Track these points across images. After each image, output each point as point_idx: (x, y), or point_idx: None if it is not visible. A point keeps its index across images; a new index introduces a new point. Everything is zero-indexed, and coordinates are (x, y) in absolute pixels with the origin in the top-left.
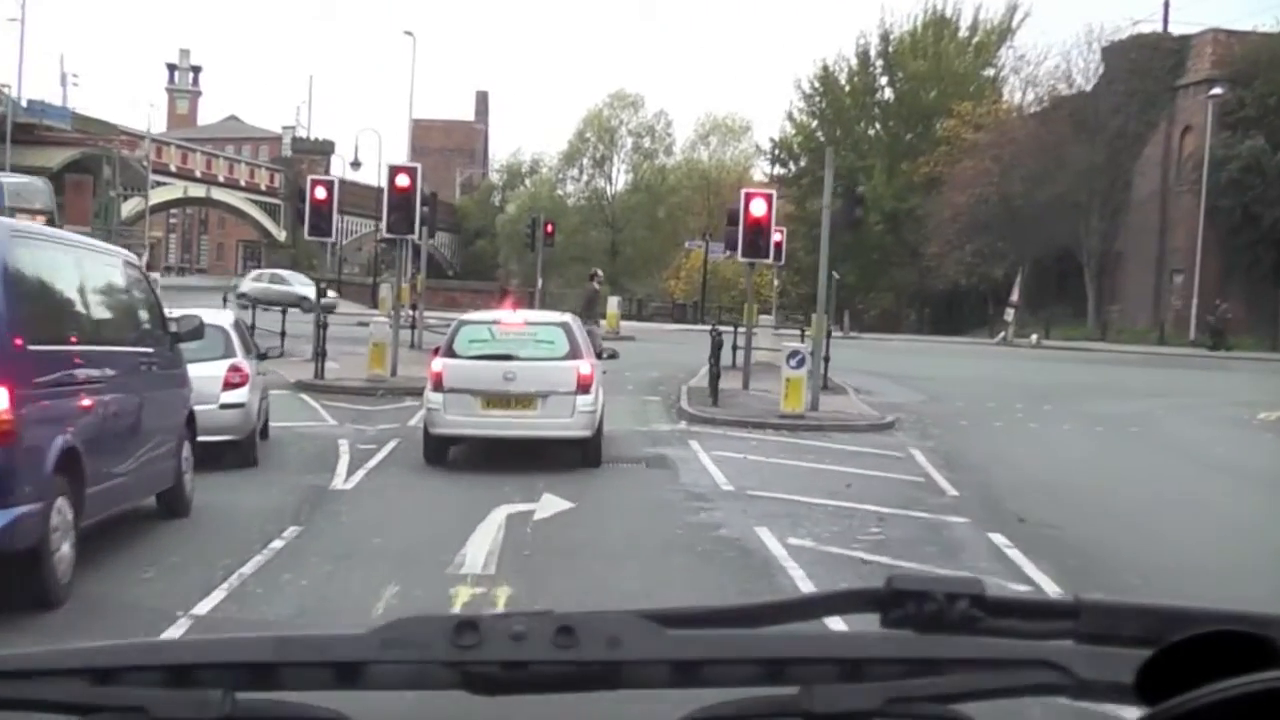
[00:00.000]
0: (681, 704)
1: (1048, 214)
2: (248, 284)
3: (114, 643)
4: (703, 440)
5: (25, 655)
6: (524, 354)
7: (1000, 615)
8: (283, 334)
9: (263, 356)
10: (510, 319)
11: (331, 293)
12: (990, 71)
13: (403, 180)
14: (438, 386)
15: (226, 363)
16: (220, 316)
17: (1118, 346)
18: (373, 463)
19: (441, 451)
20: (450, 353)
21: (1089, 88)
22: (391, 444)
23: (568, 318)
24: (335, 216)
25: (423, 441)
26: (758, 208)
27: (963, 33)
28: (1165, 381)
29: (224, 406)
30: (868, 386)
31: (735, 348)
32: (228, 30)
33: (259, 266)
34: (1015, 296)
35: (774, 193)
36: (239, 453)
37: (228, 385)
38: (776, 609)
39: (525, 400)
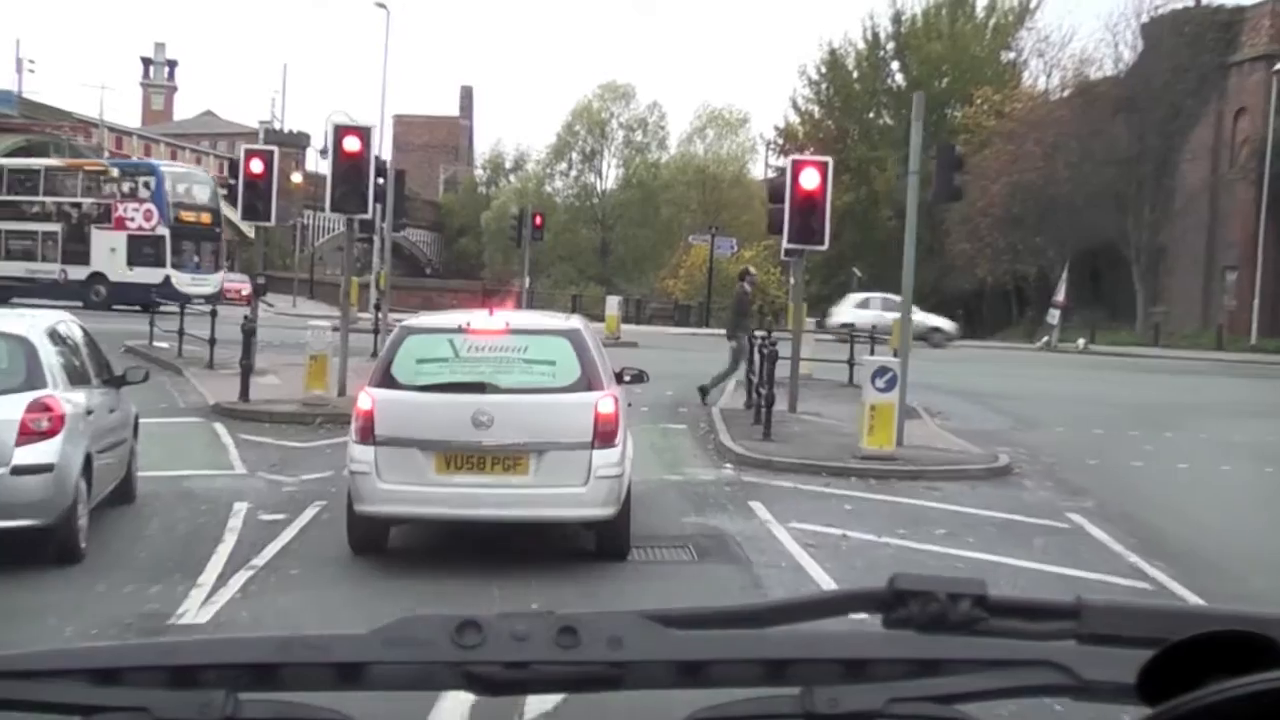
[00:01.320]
0: (684, 704)
1: (1093, 205)
2: (849, 311)
3: (116, 643)
4: (768, 499)
5: (27, 655)
6: (507, 381)
7: (1002, 616)
8: (211, 341)
9: (120, 381)
10: (484, 324)
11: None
12: (1008, 55)
13: (351, 144)
14: (366, 435)
15: (24, 398)
16: (23, 323)
17: (1173, 352)
18: (268, 553)
19: (374, 537)
20: (387, 379)
21: (1127, 67)
22: (310, 511)
23: (576, 323)
24: (275, 194)
25: (346, 520)
26: (809, 179)
27: (979, 13)
28: (1270, 396)
29: (18, 471)
30: (934, 404)
31: (762, 356)
32: (206, 25)
33: (232, 266)
34: (1061, 297)
35: (829, 161)
36: (52, 542)
37: (26, 435)
38: (779, 610)
39: (509, 459)
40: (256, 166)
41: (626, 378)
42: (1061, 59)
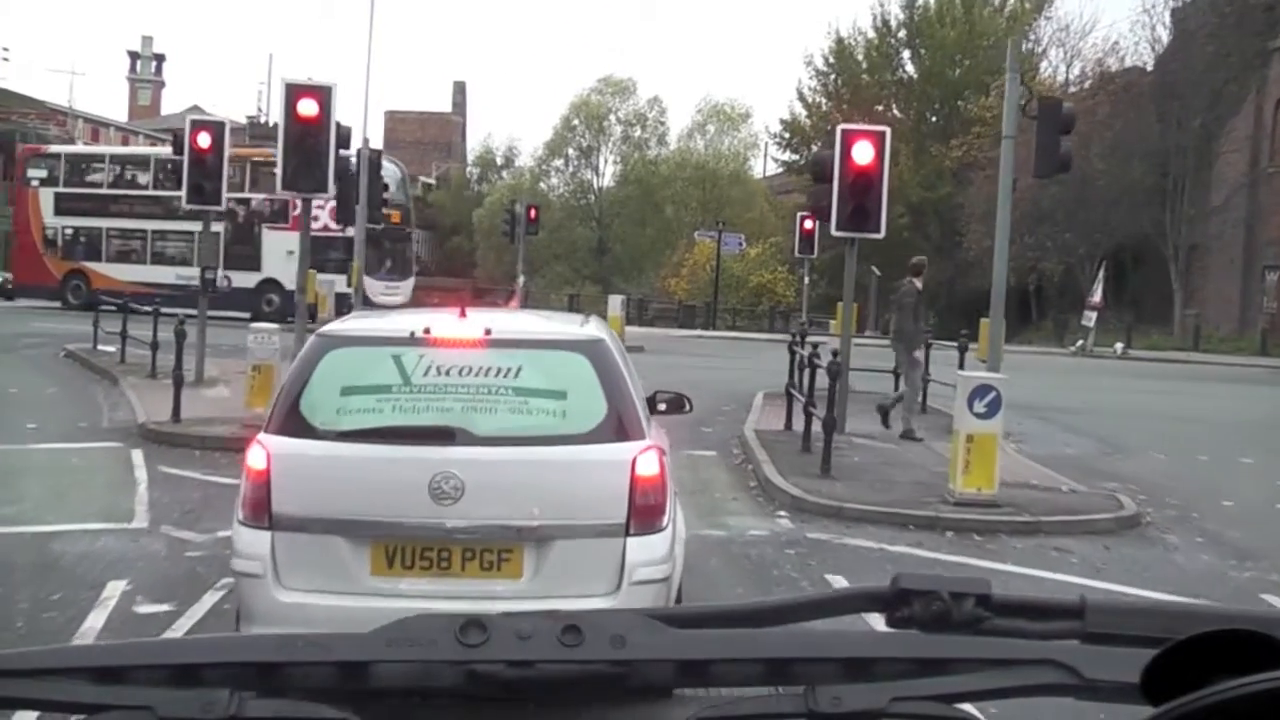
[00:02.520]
0: (687, 703)
1: (1128, 199)
2: None
3: (120, 642)
4: (851, 569)
5: (32, 654)
6: (487, 425)
7: (1006, 615)
8: (154, 346)
9: None
10: (452, 330)
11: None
12: (1025, 45)
13: (307, 107)
14: (258, 512)
15: None
16: None
17: (1216, 358)
18: None
19: None
20: (293, 420)
21: (1162, 51)
22: (209, 598)
23: (596, 329)
24: (226, 175)
25: None
26: (862, 153)
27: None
28: None
29: None
30: None
31: (811, 366)
32: (195, 21)
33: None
34: (1097, 298)
35: (887, 131)
36: None
37: None
38: (782, 609)
39: (491, 552)
40: (204, 140)
41: (661, 405)
42: (1083, 49)
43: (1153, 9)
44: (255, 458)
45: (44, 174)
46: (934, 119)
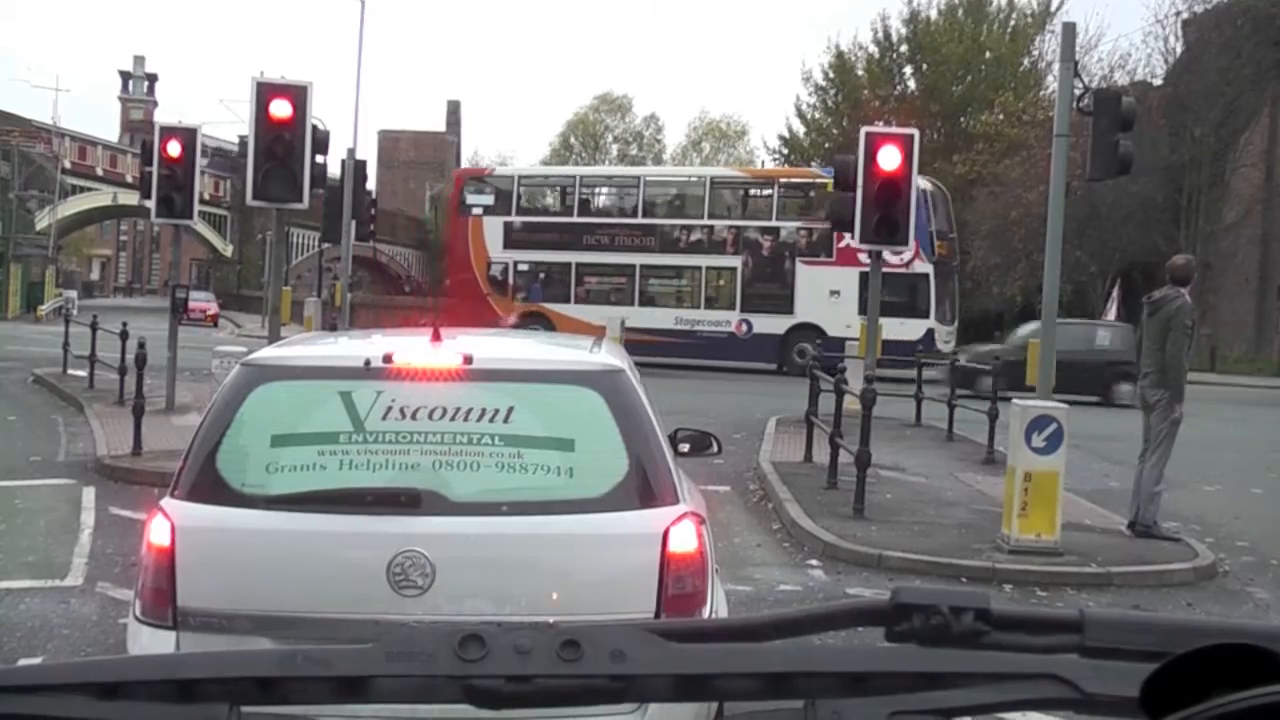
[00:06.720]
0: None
1: (1139, 216)
2: None
3: (119, 657)
4: None
5: (31, 670)
6: (466, 487)
7: (1005, 629)
8: (121, 371)
9: None
10: (420, 358)
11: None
12: (1028, 60)
13: (280, 109)
14: (159, 605)
15: None
16: None
17: (1232, 379)
18: None
19: None
20: (208, 479)
21: (1174, 63)
22: None
23: (611, 356)
24: (197, 184)
25: None
26: (889, 159)
27: (999, 14)
28: None
29: None
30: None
31: (838, 391)
32: (191, 44)
33: (207, 286)
34: (1112, 316)
35: (915, 134)
36: None
37: None
38: (781, 623)
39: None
40: (173, 149)
41: (683, 446)
42: (1089, 64)
43: (1165, 20)
44: (156, 531)
45: (489, 201)
46: (935, 135)
